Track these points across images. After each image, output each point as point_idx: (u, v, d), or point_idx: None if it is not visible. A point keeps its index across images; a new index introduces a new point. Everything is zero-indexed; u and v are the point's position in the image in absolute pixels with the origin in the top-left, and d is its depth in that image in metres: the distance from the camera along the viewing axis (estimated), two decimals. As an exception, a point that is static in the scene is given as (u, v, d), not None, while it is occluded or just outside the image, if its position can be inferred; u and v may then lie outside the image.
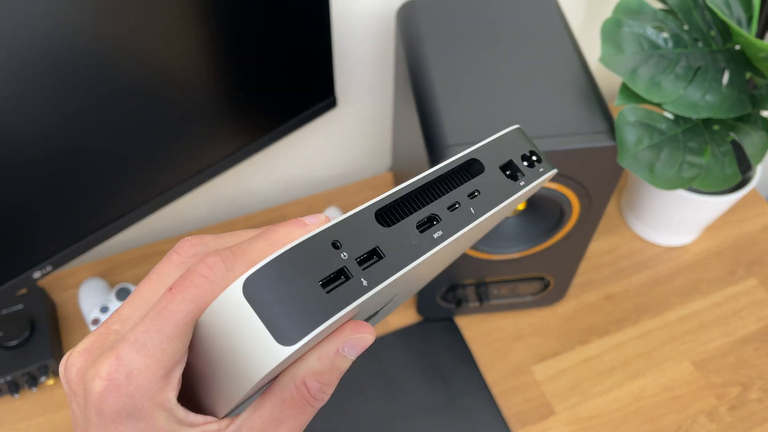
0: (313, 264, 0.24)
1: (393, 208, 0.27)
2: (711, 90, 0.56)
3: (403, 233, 0.26)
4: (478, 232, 0.32)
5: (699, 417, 0.70)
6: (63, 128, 0.52)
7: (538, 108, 0.57)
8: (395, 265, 0.26)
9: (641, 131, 0.55)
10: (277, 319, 0.23)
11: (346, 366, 0.27)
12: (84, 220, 0.60)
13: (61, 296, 0.78)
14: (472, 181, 0.29)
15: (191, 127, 0.62)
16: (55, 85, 0.49)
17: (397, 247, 0.26)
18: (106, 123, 0.55)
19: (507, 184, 0.30)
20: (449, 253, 0.32)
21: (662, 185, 0.54)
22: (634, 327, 0.76)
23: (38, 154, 0.52)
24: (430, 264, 0.30)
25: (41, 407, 0.70)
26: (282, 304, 0.23)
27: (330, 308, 0.24)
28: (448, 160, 0.29)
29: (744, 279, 0.80)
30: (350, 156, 0.90)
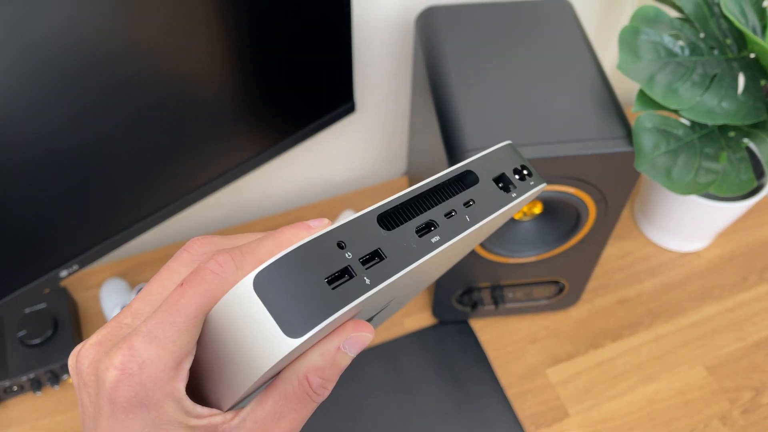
0: (320, 262, 0.26)
1: (394, 213, 0.29)
2: (727, 97, 0.57)
3: (403, 237, 0.28)
4: (474, 239, 0.34)
5: (712, 421, 0.70)
6: (94, 133, 0.54)
7: (556, 113, 0.58)
8: (396, 266, 0.27)
9: (658, 137, 0.56)
10: (285, 312, 0.25)
11: (346, 363, 0.28)
12: (110, 221, 0.62)
13: (83, 296, 0.79)
14: (468, 191, 0.31)
15: (214, 131, 0.63)
16: (83, 95, 0.51)
17: (398, 250, 0.28)
18: (134, 129, 0.56)
19: (500, 195, 0.32)
20: (445, 259, 0.34)
21: (679, 190, 0.55)
22: (648, 331, 0.77)
23: (68, 157, 0.53)
24: (427, 267, 0.31)
25: (63, 405, 0.71)
26: (290, 299, 0.25)
27: (335, 304, 0.25)
28: (445, 170, 0.31)
29: (757, 285, 0.81)
30: (366, 160, 0.92)
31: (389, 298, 0.31)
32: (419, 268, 0.29)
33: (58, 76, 0.48)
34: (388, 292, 0.29)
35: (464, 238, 0.31)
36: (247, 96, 0.63)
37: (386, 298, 0.31)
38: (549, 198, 0.60)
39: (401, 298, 0.36)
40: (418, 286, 0.37)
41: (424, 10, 0.69)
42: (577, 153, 0.55)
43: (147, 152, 0.59)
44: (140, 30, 0.51)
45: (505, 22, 0.67)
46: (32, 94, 0.48)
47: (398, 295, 0.33)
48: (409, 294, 0.37)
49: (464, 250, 0.36)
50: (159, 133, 0.59)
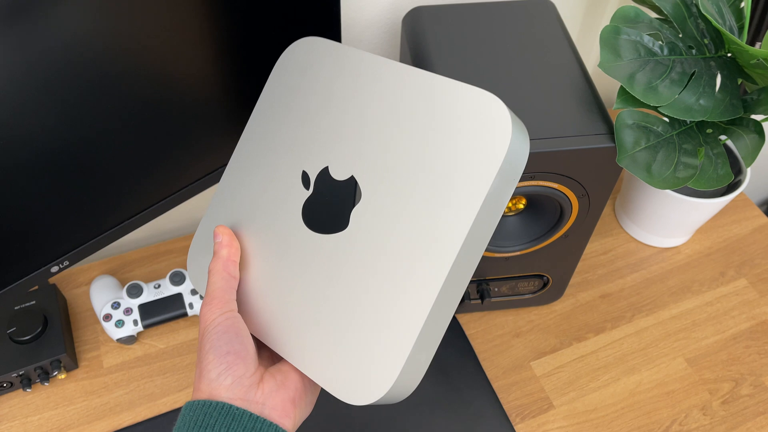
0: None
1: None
2: (704, 95, 0.58)
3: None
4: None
5: (693, 411, 0.72)
6: (84, 130, 0.54)
7: (540, 111, 0.60)
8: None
9: (639, 133, 0.58)
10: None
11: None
12: (101, 218, 0.62)
13: (73, 293, 0.79)
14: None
15: (203, 130, 0.64)
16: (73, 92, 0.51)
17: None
18: (124, 126, 0.57)
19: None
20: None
21: (659, 185, 0.57)
22: (629, 325, 0.79)
23: (58, 154, 0.54)
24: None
25: (53, 401, 0.71)
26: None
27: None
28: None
29: (734, 279, 0.83)
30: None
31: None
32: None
33: (47, 74, 0.49)
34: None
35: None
36: (235, 95, 0.64)
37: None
38: (533, 193, 0.61)
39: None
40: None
41: (411, 11, 0.71)
42: (560, 149, 0.57)
43: (137, 149, 0.60)
44: (130, 28, 0.51)
45: (490, 22, 0.68)
46: (20, 91, 0.48)
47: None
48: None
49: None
50: (149, 131, 0.59)
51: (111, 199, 0.62)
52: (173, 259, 0.83)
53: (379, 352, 0.37)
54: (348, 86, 0.43)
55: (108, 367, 0.74)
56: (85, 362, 0.74)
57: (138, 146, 0.59)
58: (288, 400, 0.39)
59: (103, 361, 0.74)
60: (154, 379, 0.73)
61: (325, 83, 0.44)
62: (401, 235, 0.37)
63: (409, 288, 0.36)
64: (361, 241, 0.39)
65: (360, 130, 0.41)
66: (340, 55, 0.44)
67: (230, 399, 0.37)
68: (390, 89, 0.40)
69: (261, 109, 0.47)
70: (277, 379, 0.39)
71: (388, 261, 0.38)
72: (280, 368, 0.40)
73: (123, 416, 0.70)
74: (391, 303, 0.37)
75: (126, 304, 0.74)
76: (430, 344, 0.37)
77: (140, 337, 0.76)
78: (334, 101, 0.43)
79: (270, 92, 0.47)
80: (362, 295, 0.38)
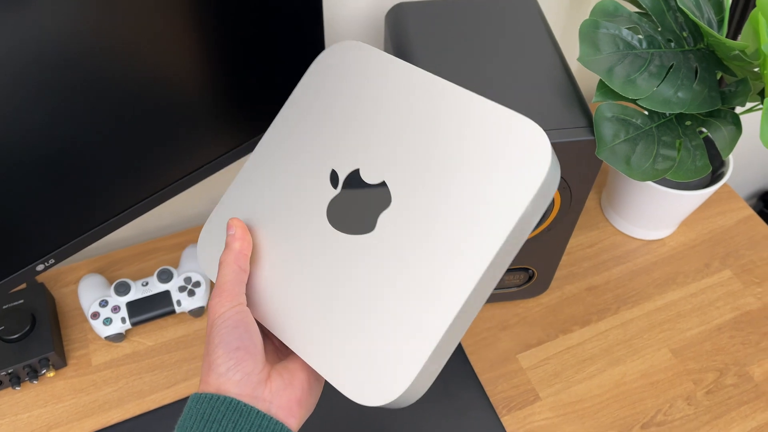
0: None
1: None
2: (683, 87, 0.59)
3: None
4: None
5: (677, 401, 0.73)
6: (67, 127, 0.54)
7: (521, 105, 0.60)
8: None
9: (618, 126, 0.58)
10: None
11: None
12: (86, 215, 0.63)
13: (61, 292, 0.79)
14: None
15: (189, 128, 0.64)
16: (57, 89, 0.52)
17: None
18: (110, 123, 0.57)
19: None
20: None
21: (637, 177, 0.58)
22: (615, 317, 0.79)
23: (43, 152, 0.54)
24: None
25: (42, 399, 0.71)
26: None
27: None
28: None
29: (719, 271, 0.84)
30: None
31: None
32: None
33: (32, 70, 0.49)
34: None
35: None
36: (220, 92, 0.64)
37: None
38: (515, 187, 0.62)
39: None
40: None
41: (394, 7, 0.71)
42: (540, 142, 0.57)
43: (122, 146, 0.60)
44: (115, 25, 0.52)
45: (472, 18, 0.69)
46: (4, 88, 0.49)
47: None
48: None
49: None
50: (135, 128, 0.60)
51: (96, 197, 0.62)
52: (162, 257, 0.83)
53: (395, 357, 0.37)
54: (386, 93, 0.43)
55: (96, 364, 0.74)
56: (73, 360, 0.74)
57: (121, 144, 0.60)
58: (294, 400, 0.39)
59: (91, 359, 0.74)
60: (143, 377, 0.73)
61: (363, 87, 0.44)
62: (429, 245, 0.38)
63: (433, 299, 0.37)
64: (387, 246, 0.39)
65: (395, 137, 0.42)
66: (381, 61, 0.44)
67: (238, 395, 0.37)
68: (429, 103, 0.41)
69: (292, 107, 0.47)
70: (284, 377, 0.39)
71: (413, 269, 0.38)
72: (287, 366, 0.40)
73: (112, 413, 0.71)
74: (413, 311, 0.38)
75: (114, 302, 0.74)
76: (443, 355, 0.38)
77: (129, 334, 0.76)
78: (370, 106, 0.43)
79: (304, 90, 0.47)
80: (384, 300, 0.39)
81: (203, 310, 0.77)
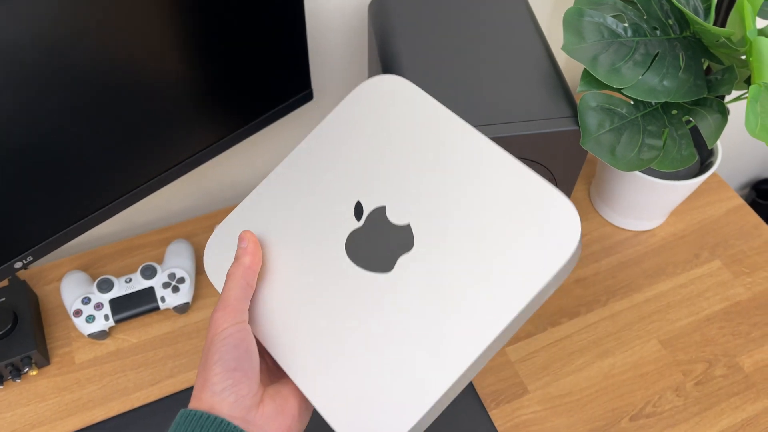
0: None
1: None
2: (668, 76, 0.58)
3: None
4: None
5: (666, 392, 0.73)
6: (42, 121, 0.53)
7: (505, 95, 0.59)
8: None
9: (603, 116, 0.58)
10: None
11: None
12: (65, 212, 0.62)
13: (44, 289, 0.79)
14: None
15: (169, 120, 0.63)
16: (33, 79, 0.51)
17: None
18: (85, 115, 0.56)
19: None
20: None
21: (623, 167, 0.57)
22: (604, 308, 0.79)
23: (18, 145, 0.53)
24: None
25: (24, 398, 0.71)
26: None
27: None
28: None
29: (708, 261, 0.83)
30: (327, 149, 0.92)
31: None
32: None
33: (8, 61, 0.48)
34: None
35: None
36: (202, 83, 0.63)
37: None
38: (500, 178, 0.61)
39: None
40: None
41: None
42: (524, 132, 0.57)
43: (101, 140, 0.59)
44: (93, 16, 0.51)
45: (456, 7, 0.68)
46: (-23, 82, 0.48)
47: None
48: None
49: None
50: (113, 121, 0.59)
51: (75, 192, 0.61)
52: (146, 253, 0.82)
53: (394, 405, 0.37)
54: (424, 137, 0.43)
55: (80, 362, 0.73)
56: (57, 358, 0.73)
57: (100, 137, 0.59)
58: (285, 427, 0.39)
59: (75, 357, 0.73)
60: (127, 374, 0.73)
61: (402, 126, 0.44)
62: (445, 300, 0.38)
63: (441, 355, 0.37)
64: (403, 291, 0.39)
65: (428, 183, 0.41)
66: (424, 103, 0.44)
67: (231, 417, 0.36)
68: (467, 156, 0.41)
69: (326, 129, 0.46)
70: (277, 402, 0.39)
71: (425, 320, 0.38)
72: (280, 391, 0.40)
73: (95, 412, 0.70)
74: (419, 362, 0.38)
75: (97, 299, 0.73)
76: (443, 405, 0.38)
77: (112, 332, 0.75)
78: (407, 146, 0.43)
79: (341, 116, 0.46)
80: (391, 344, 0.38)
81: (188, 306, 0.76)
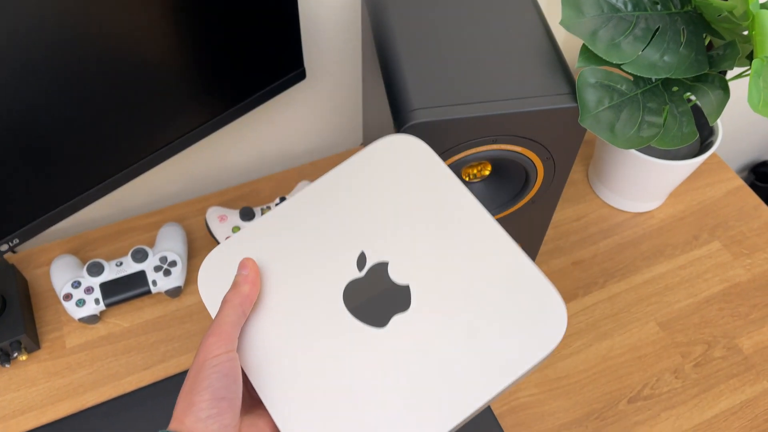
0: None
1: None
2: (669, 51, 0.57)
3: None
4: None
5: (665, 374, 0.72)
6: (25, 99, 0.52)
7: (501, 72, 0.58)
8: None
9: (602, 92, 0.56)
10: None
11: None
12: (50, 193, 0.60)
13: (33, 273, 0.77)
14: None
15: (158, 98, 0.62)
16: (15, 57, 0.49)
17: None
18: (70, 93, 0.54)
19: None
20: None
21: (622, 144, 0.56)
22: (602, 291, 0.78)
23: (3, 125, 0.52)
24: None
25: (15, 383, 0.70)
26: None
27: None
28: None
29: (708, 242, 0.82)
30: (322, 130, 0.91)
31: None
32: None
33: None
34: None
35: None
36: (192, 62, 0.62)
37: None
38: (497, 158, 0.60)
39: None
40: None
41: (371, -28, 0.68)
42: (521, 110, 0.55)
43: (87, 119, 0.58)
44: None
45: (452, -18, 0.66)
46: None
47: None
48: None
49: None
50: (100, 100, 0.57)
51: (62, 173, 0.59)
52: (137, 237, 0.81)
53: None
54: (431, 202, 0.45)
55: (71, 347, 0.72)
56: (47, 343, 0.72)
57: (87, 116, 0.57)
58: None
59: (65, 342, 0.72)
60: (119, 359, 0.72)
61: (411, 186, 0.45)
62: (433, 366, 0.40)
63: (422, 419, 0.39)
64: (393, 349, 0.41)
65: (430, 249, 0.43)
66: (435, 167, 0.46)
67: None
68: (473, 234, 0.43)
69: (340, 177, 0.47)
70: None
71: (411, 381, 0.40)
72: (256, 423, 0.41)
73: (87, 396, 0.69)
74: (400, 422, 0.39)
75: (87, 282, 0.72)
76: None
77: (104, 316, 0.74)
78: (413, 209, 0.45)
79: (356, 166, 0.47)
80: (374, 398, 0.40)
81: (180, 290, 0.75)
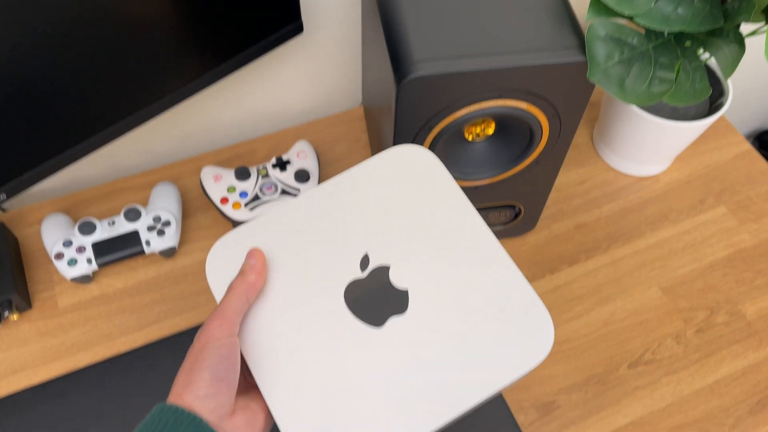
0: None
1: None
2: (683, 3, 0.54)
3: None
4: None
5: (666, 340, 0.71)
6: (10, 49, 0.50)
7: (507, 25, 0.55)
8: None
9: (612, 46, 0.54)
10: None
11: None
12: (38, 147, 0.58)
13: (24, 232, 0.76)
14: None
15: (149, 50, 0.59)
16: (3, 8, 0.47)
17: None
18: (57, 43, 0.52)
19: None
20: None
21: (632, 100, 0.53)
22: (605, 255, 0.76)
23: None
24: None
25: (5, 343, 0.68)
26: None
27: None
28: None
29: (713, 207, 0.81)
30: (320, 89, 0.88)
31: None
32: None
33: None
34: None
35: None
36: (184, 12, 0.59)
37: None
38: (501, 115, 0.58)
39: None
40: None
41: None
42: (527, 64, 0.53)
43: (76, 71, 0.55)
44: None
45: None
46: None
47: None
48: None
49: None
50: (90, 52, 0.55)
51: (50, 125, 0.57)
52: (130, 196, 0.79)
53: None
54: (435, 212, 0.46)
55: (63, 307, 0.71)
56: (39, 302, 0.71)
57: (76, 68, 0.55)
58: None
59: (58, 302, 0.71)
60: (112, 319, 0.70)
61: (418, 196, 0.47)
62: (423, 368, 0.42)
63: (407, 416, 0.41)
64: (387, 349, 0.43)
65: (432, 257, 0.45)
66: (441, 179, 0.47)
67: (207, 421, 0.38)
68: (470, 244, 0.45)
69: (352, 180, 0.48)
70: (247, 415, 0.41)
71: (400, 380, 0.42)
72: (249, 405, 0.42)
73: (80, 356, 0.68)
74: (387, 418, 0.41)
75: (78, 242, 0.70)
76: None
77: (97, 276, 0.73)
78: (418, 217, 0.46)
79: (367, 172, 0.49)
80: (363, 393, 0.41)
81: (174, 251, 0.73)
